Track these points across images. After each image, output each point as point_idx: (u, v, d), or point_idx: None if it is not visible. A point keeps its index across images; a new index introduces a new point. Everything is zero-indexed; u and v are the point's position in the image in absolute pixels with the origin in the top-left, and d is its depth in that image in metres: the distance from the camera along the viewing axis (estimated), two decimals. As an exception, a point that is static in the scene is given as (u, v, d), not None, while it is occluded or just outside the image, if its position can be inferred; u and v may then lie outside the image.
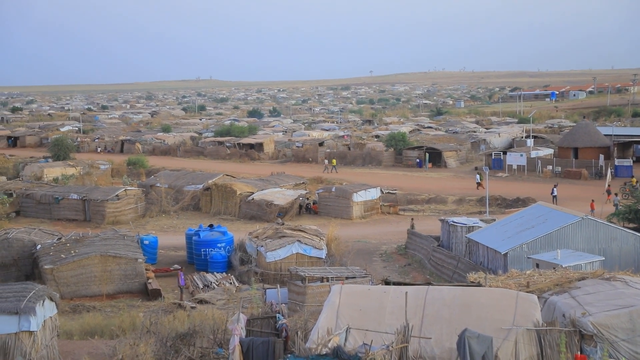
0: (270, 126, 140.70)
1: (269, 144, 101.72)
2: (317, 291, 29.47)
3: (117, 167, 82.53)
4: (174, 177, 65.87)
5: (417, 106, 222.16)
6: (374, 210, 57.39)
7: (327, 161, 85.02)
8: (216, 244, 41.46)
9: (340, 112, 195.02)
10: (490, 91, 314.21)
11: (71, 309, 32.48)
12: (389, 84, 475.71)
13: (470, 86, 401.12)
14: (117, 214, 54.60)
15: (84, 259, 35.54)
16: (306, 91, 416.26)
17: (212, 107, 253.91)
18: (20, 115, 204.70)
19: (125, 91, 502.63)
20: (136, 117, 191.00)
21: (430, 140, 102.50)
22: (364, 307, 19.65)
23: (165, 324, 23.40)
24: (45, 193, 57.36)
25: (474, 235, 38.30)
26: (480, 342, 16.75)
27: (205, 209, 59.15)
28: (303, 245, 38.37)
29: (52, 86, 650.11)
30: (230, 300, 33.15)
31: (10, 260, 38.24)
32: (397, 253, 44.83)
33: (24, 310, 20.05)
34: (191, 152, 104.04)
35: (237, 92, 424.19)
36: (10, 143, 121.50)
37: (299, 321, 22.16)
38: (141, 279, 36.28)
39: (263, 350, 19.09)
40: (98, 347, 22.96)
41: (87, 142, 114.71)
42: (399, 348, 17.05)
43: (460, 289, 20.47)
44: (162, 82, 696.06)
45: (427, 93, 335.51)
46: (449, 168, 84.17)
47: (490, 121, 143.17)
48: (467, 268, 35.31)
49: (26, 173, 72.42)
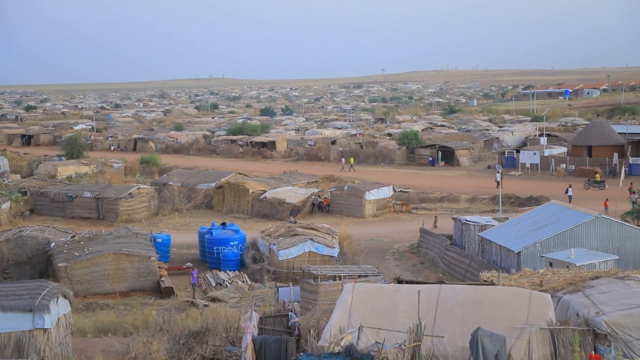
0: (283, 124, 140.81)
1: (281, 143, 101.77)
2: (330, 289, 29.46)
3: (130, 166, 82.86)
4: (186, 175, 66.03)
5: (430, 104, 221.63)
6: (387, 209, 57.32)
7: (344, 159, 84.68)
8: (229, 242, 41.54)
9: (353, 110, 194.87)
10: (503, 89, 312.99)
11: (85, 306, 32.59)
12: (401, 82, 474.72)
13: (483, 84, 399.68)
14: (130, 212, 54.78)
15: (97, 257, 35.68)
16: (318, 89, 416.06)
17: (225, 106, 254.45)
18: (34, 113, 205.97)
19: (139, 90, 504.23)
20: (149, 116, 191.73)
21: (443, 138, 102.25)
22: (376, 305, 19.62)
23: (178, 321, 23.48)
24: (59, 191, 57.64)
25: (486, 233, 38.17)
26: (493, 341, 16.69)
27: (217, 208, 59.27)
28: (315, 244, 38.37)
29: (65, 85, 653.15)
30: (242, 298, 33.19)
31: (24, 258, 38.44)
32: (409, 251, 44.76)
33: (38, 308, 20.14)
34: (204, 151, 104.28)
35: (250, 91, 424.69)
36: (25, 141, 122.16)
37: (312, 319, 22.16)
38: (154, 277, 36.39)
39: (275, 349, 19.10)
40: (111, 345, 23.05)
41: (101, 140, 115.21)
42: (412, 347, 17.02)
43: (473, 288, 20.41)
44: (175, 80, 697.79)
45: (440, 91, 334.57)
46: (461, 166, 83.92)
47: (503, 119, 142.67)
48: (480, 267, 35.22)
49: (40, 171, 72.81)
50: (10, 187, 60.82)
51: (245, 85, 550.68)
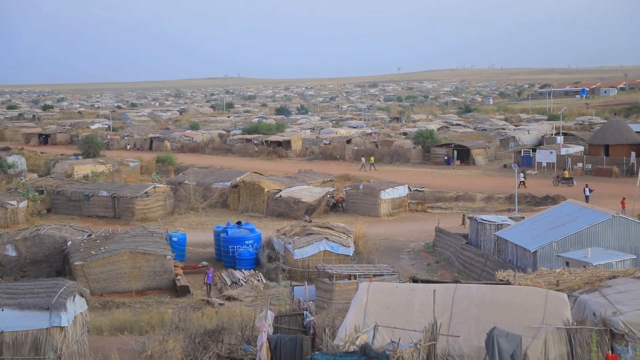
0: (298, 124, 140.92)
1: (296, 142, 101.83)
2: (345, 289, 29.44)
3: (146, 165, 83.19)
4: (202, 174, 66.21)
5: (445, 103, 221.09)
6: (402, 208, 57.22)
7: (364, 159, 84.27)
8: (244, 241, 41.60)
9: (368, 109, 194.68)
10: (520, 88, 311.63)
11: (101, 305, 32.75)
12: (417, 81, 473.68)
13: (499, 83, 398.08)
14: (146, 211, 55.00)
15: (113, 256, 35.84)
16: (334, 88, 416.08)
17: (240, 105, 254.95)
18: (51, 113, 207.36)
19: (154, 89, 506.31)
20: (165, 115, 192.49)
21: (459, 137, 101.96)
22: (391, 304, 19.59)
23: (194, 320, 23.55)
24: (75, 190, 57.96)
25: (502, 233, 38.01)
26: (509, 340, 16.61)
27: (233, 206, 59.39)
28: (330, 243, 38.35)
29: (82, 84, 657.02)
30: (258, 297, 33.25)
31: (41, 257, 38.69)
32: (425, 251, 44.65)
33: (55, 306, 20.27)
34: (219, 150, 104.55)
35: (265, 90, 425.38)
36: (42, 140, 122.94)
37: (327, 318, 22.16)
38: (170, 276, 36.50)
39: (291, 347, 19.12)
40: (127, 343, 23.15)
41: (117, 139, 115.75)
42: (427, 346, 16.98)
43: (489, 287, 20.33)
44: (191, 80, 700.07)
45: (456, 90, 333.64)
46: (477, 165, 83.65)
47: (519, 118, 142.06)
48: (496, 266, 35.07)
49: (57, 170, 73.25)
50: (27, 186, 61.26)
51: (261, 84, 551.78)
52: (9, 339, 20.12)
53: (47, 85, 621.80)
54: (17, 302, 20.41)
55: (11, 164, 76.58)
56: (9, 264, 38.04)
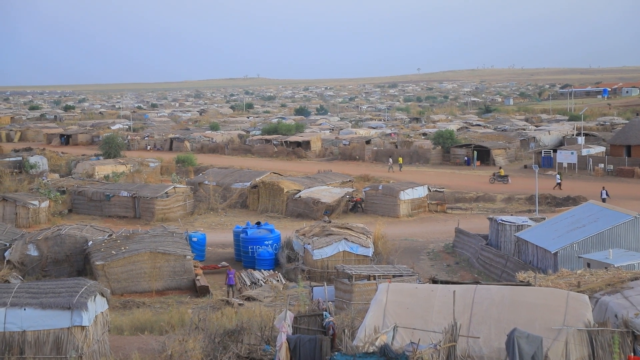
0: (317, 124, 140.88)
1: (315, 142, 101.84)
2: (364, 289, 29.42)
3: (166, 165, 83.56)
4: (221, 174, 66.40)
5: (465, 104, 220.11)
6: (421, 209, 57.04)
7: (391, 160, 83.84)
8: (263, 241, 41.67)
9: (388, 109, 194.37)
10: (540, 88, 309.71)
11: (121, 304, 32.92)
12: (436, 81, 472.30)
13: (519, 83, 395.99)
14: (166, 211, 55.26)
15: (134, 256, 36.04)
16: (353, 89, 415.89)
17: (260, 105, 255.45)
18: (72, 113, 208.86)
19: (175, 90, 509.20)
20: (185, 116, 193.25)
21: (479, 138, 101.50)
22: (411, 305, 19.55)
23: (214, 320, 23.60)
24: (96, 190, 58.34)
25: (523, 234, 37.80)
26: (529, 342, 16.52)
27: (252, 207, 59.51)
28: (350, 243, 38.31)
29: (103, 85, 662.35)
30: (277, 297, 33.28)
31: (62, 256, 38.99)
32: (444, 252, 44.49)
33: (76, 306, 20.41)
34: (239, 150, 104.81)
35: (285, 90, 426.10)
36: (63, 141, 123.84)
37: (346, 319, 22.14)
38: (190, 276, 36.64)
39: (310, 348, 19.12)
40: (148, 343, 23.27)
41: (137, 140, 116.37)
42: (447, 347, 16.93)
43: (509, 288, 20.23)
44: (211, 80, 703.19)
45: (476, 90, 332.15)
46: (497, 166, 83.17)
47: (540, 119, 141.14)
48: (516, 267, 34.89)
49: (78, 170, 73.69)
50: (49, 186, 61.72)
51: (280, 84, 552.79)
52: (31, 338, 20.31)
53: (69, 86, 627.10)
54: (39, 301, 20.59)
55: (33, 165, 77.27)
56: (31, 263, 38.40)
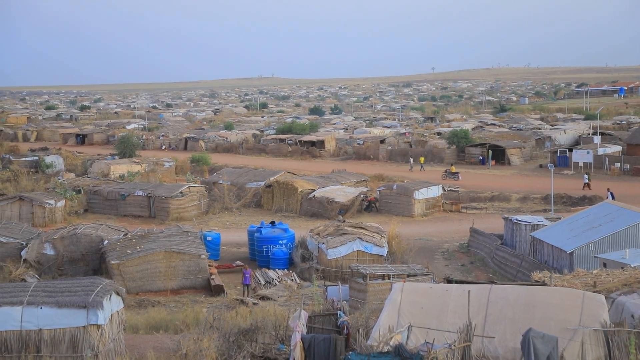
0: (332, 123, 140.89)
1: (330, 142, 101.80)
2: (379, 289, 29.38)
3: (181, 165, 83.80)
4: (236, 174, 66.52)
5: (480, 103, 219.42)
6: (436, 208, 56.90)
7: (412, 159, 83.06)
8: (278, 240, 41.70)
9: (402, 109, 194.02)
10: (556, 87, 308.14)
11: (137, 303, 33.05)
12: (451, 80, 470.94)
13: (535, 82, 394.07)
14: (181, 211, 55.42)
15: (149, 255, 36.17)
16: (367, 88, 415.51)
17: (274, 105, 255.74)
18: (88, 113, 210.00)
19: (189, 89, 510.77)
20: (199, 115, 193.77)
21: (494, 137, 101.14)
22: (425, 305, 19.52)
23: (228, 319, 23.64)
24: (111, 190, 58.59)
25: (538, 233, 37.62)
26: (545, 342, 16.46)
27: (267, 206, 59.58)
28: (364, 243, 38.28)
29: (118, 84, 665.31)
30: (291, 297, 33.30)
31: (78, 255, 39.19)
32: (459, 251, 44.36)
33: (92, 304, 20.51)
34: (253, 150, 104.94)
35: (299, 90, 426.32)
36: (79, 140, 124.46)
37: (360, 318, 22.13)
38: (204, 275, 36.72)
39: (324, 347, 19.13)
40: (163, 342, 23.35)
41: (152, 139, 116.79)
42: (462, 347, 16.88)
43: (525, 288, 20.15)
44: (225, 80, 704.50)
45: (491, 90, 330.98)
46: (512, 165, 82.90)
47: (555, 118, 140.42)
48: (532, 267, 34.74)
49: (94, 170, 74.05)
50: (65, 185, 62.07)
51: (295, 84, 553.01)
52: (47, 336, 20.43)
53: (85, 86, 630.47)
54: (55, 300, 20.71)
55: (49, 164, 77.74)
56: (47, 262, 38.63)
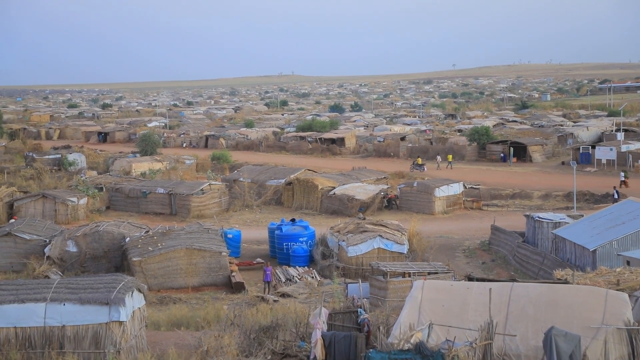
0: (352, 121, 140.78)
1: (350, 139, 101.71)
2: (399, 286, 29.33)
3: (202, 162, 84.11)
4: (256, 171, 66.65)
5: (502, 100, 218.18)
6: (457, 206, 56.68)
7: (439, 157, 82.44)
8: (298, 238, 41.75)
9: (423, 106, 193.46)
10: (579, 84, 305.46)
11: (158, 300, 33.24)
12: (472, 77, 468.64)
13: (557, 79, 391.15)
14: (201, 208, 55.64)
15: (170, 252, 36.36)
16: (388, 85, 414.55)
17: (294, 102, 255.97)
18: (110, 111, 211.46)
19: (210, 87, 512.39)
20: (220, 113, 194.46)
21: (515, 134, 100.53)
22: (446, 303, 19.45)
23: (249, 316, 23.72)
24: (133, 187, 58.91)
25: (560, 231, 37.35)
26: (567, 340, 16.34)
27: (287, 204, 59.65)
28: (384, 240, 38.21)
29: (139, 83, 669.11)
30: (312, 294, 33.33)
31: (100, 253, 39.50)
32: (480, 249, 44.15)
33: (114, 301, 20.66)
34: (273, 147, 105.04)
35: (319, 87, 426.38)
36: (101, 138, 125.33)
37: (381, 316, 22.12)
38: (225, 272, 36.85)
39: (345, 345, 19.13)
40: (184, 338, 23.47)
41: (173, 137, 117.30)
42: (483, 345, 16.81)
43: (546, 286, 20.02)
44: (246, 78, 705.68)
45: (512, 86, 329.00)
46: (534, 163, 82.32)
47: (578, 114, 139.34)
48: (554, 265, 34.49)
49: (115, 168, 74.53)
50: (87, 183, 62.57)
51: (315, 81, 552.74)
52: (70, 332, 20.61)
53: (106, 84, 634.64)
54: (77, 296, 20.88)
55: (72, 162, 78.36)
56: (70, 259, 38.95)
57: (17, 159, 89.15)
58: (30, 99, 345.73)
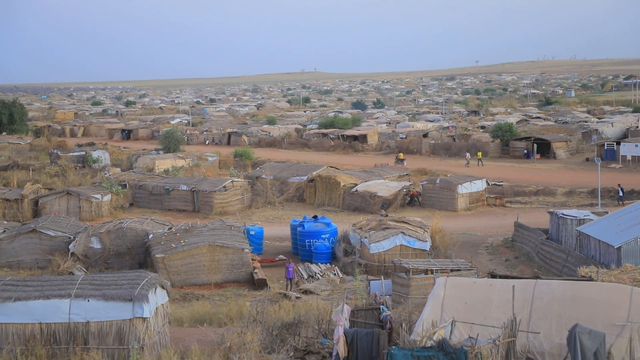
0: (374, 118, 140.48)
1: (372, 136, 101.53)
2: (422, 283, 29.21)
3: (224, 159, 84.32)
4: (279, 168, 66.77)
5: (525, 96, 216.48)
6: (480, 202, 56.39)
7: (468, 154, 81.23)
8: (320, 235, 41.76)
9: (445, 102, 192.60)
10: (603, 79, 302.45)
11: (181, 297, 33.40)
12: (495, 73, 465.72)
13: (581, 75, 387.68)
14: (224, 205, 55.81)
15: (193, 249, 36.51)
16: (410, 82, 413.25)
17: (317, 99, 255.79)
18: (133, 109, 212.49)
19: (232, 84, 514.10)
20: (242, 110, 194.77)
21: (539, 130, 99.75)
22: (469, 300, 19.38)
23: (271, 313, 23.78)
24: (156, 184, 59.21)
25: (585, 228, 37.02)
26: (592, 338, 16.21)
27: (309, 200, 59.70)
28: (407, 237, 38.11)
29: (163, 80, 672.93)
30: (334, 291, 33.31)
31: (124, 249, 39.76)
32: (503, 246, 43.90)
33: (138, 298, 20.78)
34: (296, 144, 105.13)
35: (341, 84, 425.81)
36: (124, 136, 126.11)
37: (403, 313, 22.07)
38: (247, 269, 36.95)
39: (367, 342, 19.12)
40: (207, 335, 23.55)
41: (196, 134, 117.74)
42: (506, 342, 16.72)
43: (571, 283, 19.88)
44: (268, 75, 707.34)
45: (536, 82, 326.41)
46: (558, 159, 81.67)
47: (602, 110, 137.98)
48: (578, 262, 34.20)
49: (139, 165, 74.95)
50: (111, 180, 63.04)
51: (337, 78, 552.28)
52: (94, 328, 20.78)
53: (130, 82, 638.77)
54: (102, 293, 21.04)
55: (96, 159, 78.97)
56: (94, 256, 39.28)
57: (42, 156, 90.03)
58: (55, 97, 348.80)
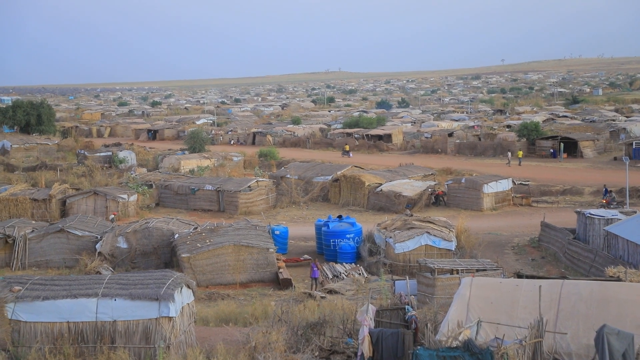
0: (399, 117, 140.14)
1: (397, 135, 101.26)
2: (447, 283, 29.10)
3: (249, 159, 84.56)
4: (303, 168, 66.82)
5: (552, 95, 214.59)
6: (506, 202, 56.00)
7: (510, 153, 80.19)
8: (345, 234, 41.72)
9: (471, 102, 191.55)
10: (632, 78, 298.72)
11: (207, 296, 33.55)
12: (521, 72, 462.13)
13: (609, 73, 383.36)
14: (249, 205, 55.97)
15: (218, 249, 36.66)
16: (435, 81, 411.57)
17: (341, 99, 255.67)
18: (159, 109, 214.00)
19: (257, 84, 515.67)
20: (267, 110, 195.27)
21: (566, 129, 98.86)
22: (495, 300, 19.25)
23: (296, 313, 23.81)
24: (182, 184, 59.53)
25: (613, 227, 36.62)
26: (620, 339, 16.02)
27: (334, 200, 59.69)
28: (432, 237, 37.97)
29: (188, 81, 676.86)
30: (359, 291, 33.28)
31: (150, 249, 40.04)
32: (529, 246, 43.55)
33: (164, 297, 20.92)
34: (320, 144, 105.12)
35: (366, 84, 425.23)
36: (150, 136, 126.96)
37: (429, 313, 21.98)
38: (272, 269, 37.03)
39: (392, 342, 19.07)
40: (232, 334, 23.63)
41: (221, 134, 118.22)
42: (533, 343, 16.59)
43: (598, 284, 19.67)
44: (293, 75, 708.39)
45: (562, 81, 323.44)
46: (585, 158, 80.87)
47: (630, 109, 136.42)
48: (606, 262, 33.85)
49: (165, 165, 75.43)
50: (137, 180, 63.49)
51: (362, 78, 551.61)
52: (121, 327, 20.96)
53: (156, 83, 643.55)
54: (128, 292, 21.21)
55: (122, 159, 79.60)
56: (120, 255, 39.59)
57: (69, 157, 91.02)
58: (82, 98, 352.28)
